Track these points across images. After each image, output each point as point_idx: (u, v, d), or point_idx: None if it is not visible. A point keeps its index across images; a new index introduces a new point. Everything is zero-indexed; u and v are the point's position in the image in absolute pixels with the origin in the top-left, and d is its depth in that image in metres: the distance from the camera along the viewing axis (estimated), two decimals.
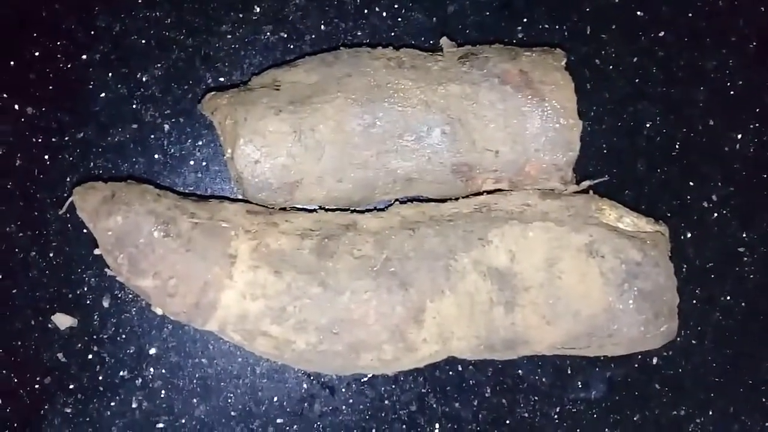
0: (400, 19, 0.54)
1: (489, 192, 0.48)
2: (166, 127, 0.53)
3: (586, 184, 0.49)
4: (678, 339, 0.53)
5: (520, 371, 0.53)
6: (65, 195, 0.51)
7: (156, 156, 0.53)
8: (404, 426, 0.52)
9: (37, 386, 0.51)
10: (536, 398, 0.53)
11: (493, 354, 0.46)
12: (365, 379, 0.52)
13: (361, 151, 0.46)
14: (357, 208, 0.50)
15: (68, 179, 0.52)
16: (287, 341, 0.44)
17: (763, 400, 0.54)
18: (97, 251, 0.45)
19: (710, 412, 0.54)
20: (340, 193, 0.47)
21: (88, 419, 0.51)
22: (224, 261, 0.44)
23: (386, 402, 0.53)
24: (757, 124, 0.56)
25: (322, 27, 0.54)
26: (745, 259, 0.55)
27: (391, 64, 0.47)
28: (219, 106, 0.47)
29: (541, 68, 0.47)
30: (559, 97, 0.46)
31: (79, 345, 0.52)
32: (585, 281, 0.44)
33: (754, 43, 0.56)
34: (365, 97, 0.46)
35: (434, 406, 0.53)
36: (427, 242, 0.45)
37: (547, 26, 0.55)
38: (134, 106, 0.53)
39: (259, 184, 0.46)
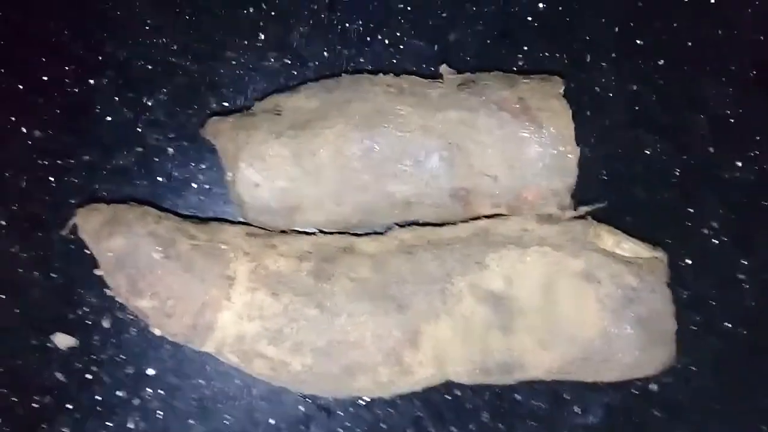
0: (402, 47, 0.55)
1: (487, 216, 0.49)
2: (171, 150, 0.54)
3: (583, 210, 0.49)
4: (677, 365, 0.53)
5: (517, 396, 0.53)
6: (69, 217, 0.52)
7: (160, 179, 0.54)
8: None
9: (35, 405, 0.51)
10: (534, 424, 0.53)
11: (489, 378, 0.46)
12: (362, 402, 0.52)
13: (361, 175, 0.47)
14: (356, 232, 0.50)
15: (73, 201, 0.53)
16: (283, 363, 0.44)
17: (763, 427, 0.54)
18: (97, 272, 0.46)
19: None
20: (340, 217, 0.48)
21: None
22: (222, 282, 0.44)
23: (383, 425, 0.52)
24: (756, 152, 0.56)
25: (326, 54, 0.55)
26: (745, 286, 0.55)
27: (390, 90, 0.48)
28: (221, 131, 0.48)
29: (538, 95, 0.47)
30: (556, 124, 0.47)
31: (78, 365, 0.52)
32: (581, 306, 0.45)
33: (753, 72, 0.57)
34: (365, 123, 0.46)
35: (431, 430, 0.53)
36: (425, 266, 0.45)
37: (547, 54, 0.56)
38: (139, 130, 0.54)
39: (260, 207, 0.47)
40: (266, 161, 0.46)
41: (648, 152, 0.56)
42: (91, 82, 0.54)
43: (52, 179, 0.53)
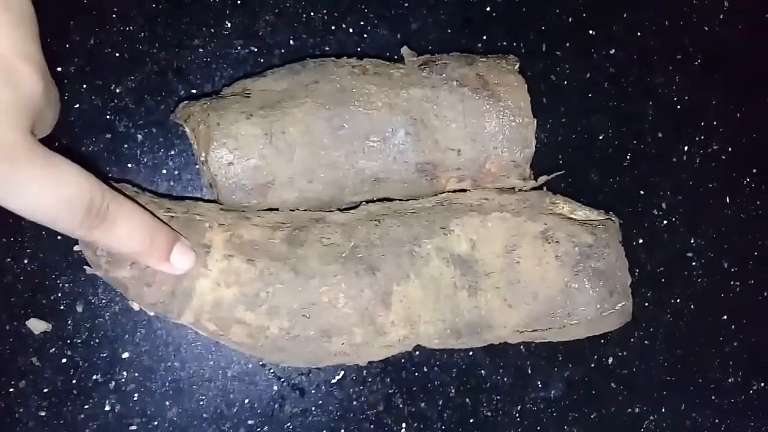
0: (365, 36, 0.57)
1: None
2: (140, 137, 0.54)
3: (543, 179, 0.52)
4: (632, 340, 0.56)
5: (483, 372, 0.55)
6: None
7: (129, 165, 0.54)
8: (372, 426, 0.54)
9: (11, 390, 0.52)
10: (498, 397, 0.55)
11: (460, 340, 0.48)
12: (334, 380, 0.54)
13: (330, 152, 0.48)
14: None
15: None
16: (261, 327, 0.45)
17: (713, 397, 0.57)
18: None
19: (663, 410, 0.57)
20: (311, 194, 0.49)
21: (61, 422, 0.52)
22: (199, 251, 0.45)
23: (355, 403, 0.54)
24: (702, 137, 0.59)
25: (291, 42, 0.56)
26: (693, 263, 0.58)
27: (355, 71, 0.50)
28: (192, 113, 0.49)
29: (495, 71, 0.50)
30: (513, 97, 0.49)
31: (53, 349, 0.52)
32: (542, 265, 0.47)
33: (699, 61, 0.60)
34: (332, 101, 0.48)
35: (401, 406, 0.54)
36: (392, 231, 0.47)
37: (505, 43, 0.58)
38: (108, 117, 0.54)
39: (233, 185, 0.47)
40: (238, 140, 0.47)
41: (601, 138, 0.58)
42: (59, 69, 0.54)
43: None
